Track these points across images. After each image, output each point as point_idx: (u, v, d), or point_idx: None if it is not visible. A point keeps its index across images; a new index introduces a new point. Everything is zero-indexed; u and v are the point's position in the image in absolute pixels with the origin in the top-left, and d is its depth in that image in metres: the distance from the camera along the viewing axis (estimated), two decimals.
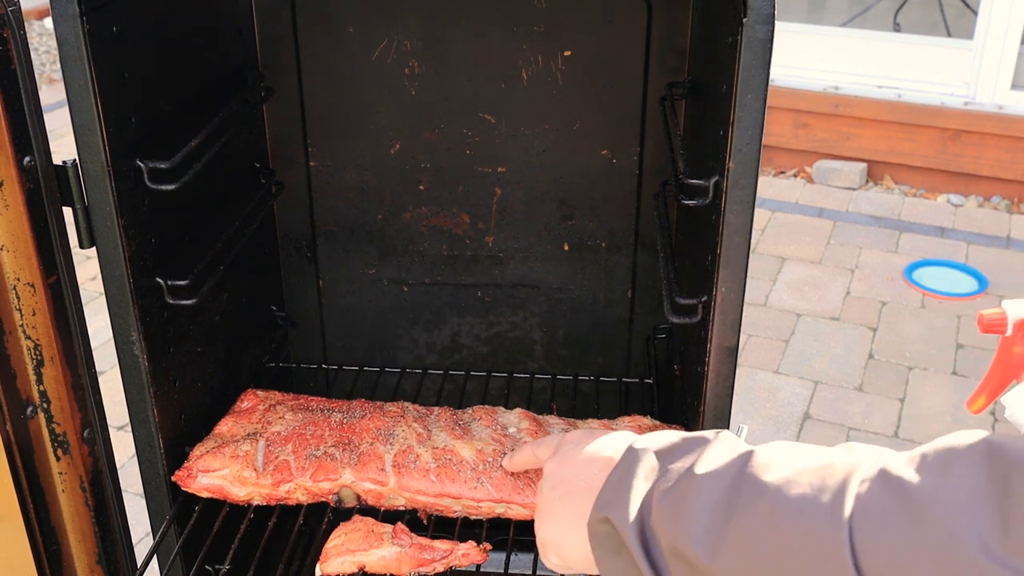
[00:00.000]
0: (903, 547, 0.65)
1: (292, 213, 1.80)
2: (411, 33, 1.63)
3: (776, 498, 0.74)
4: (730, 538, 0.75)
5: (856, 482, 0.71)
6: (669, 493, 0.82)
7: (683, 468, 0.83)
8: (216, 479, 1.38)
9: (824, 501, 0.71)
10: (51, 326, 1.27)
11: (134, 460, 1.40)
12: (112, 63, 1.19)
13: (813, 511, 0.71)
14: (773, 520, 0.73)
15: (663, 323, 1.79)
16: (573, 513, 0.97)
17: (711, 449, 0.83)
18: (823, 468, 0.74)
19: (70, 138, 1.18)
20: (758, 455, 0.79)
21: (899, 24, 5.31)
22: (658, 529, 0.82)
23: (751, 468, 0.78)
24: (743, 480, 0.77)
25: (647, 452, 0.88)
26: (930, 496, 0.66)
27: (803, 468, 0.75)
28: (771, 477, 0.76)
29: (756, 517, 0.74)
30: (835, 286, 4.08)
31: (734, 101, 1.09)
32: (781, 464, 0.77)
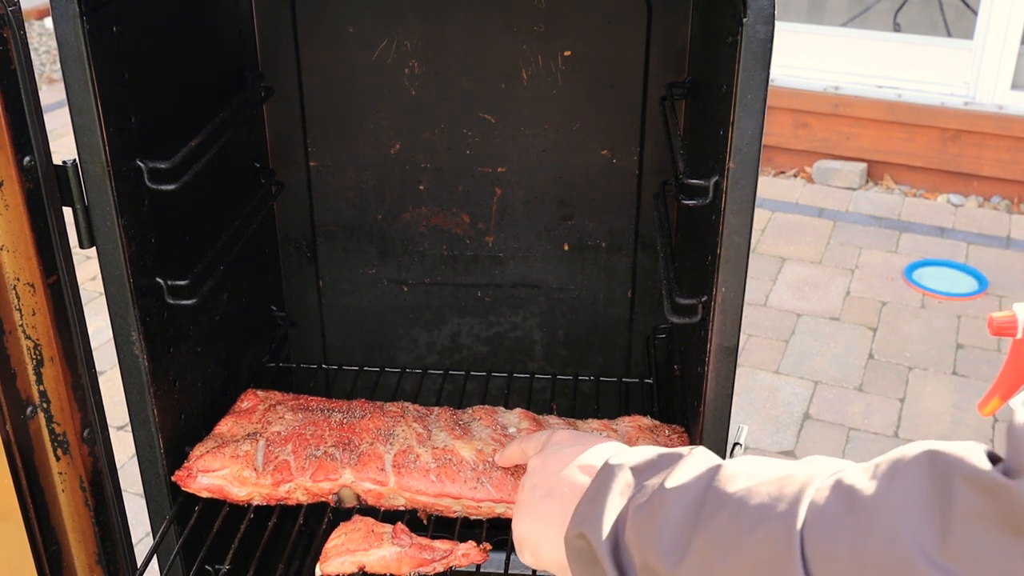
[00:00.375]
0: (848, 553, 0.67)
1: (292, 213, 1.80)
2: (411, 33, 1.63)
3: (736, 510, 0.75)
4: (693, 551, 0.77)
5: (811, 492, 0.72)
6: (642, 509, 0.83)
7: (656, 484, 0.84)
8: (216, 479, 1.38)
9: (779, 511, 0.72)
10: (51, 326, 1.27)
11: (134, 460, 1.40)
12: (112, 63, 1.19)
13: (769, 521, 0.72)
14: (732, 531, 0.74)
15: (663, 323, 1.79)
16: (552, 517, 0.98)
17: (682, 464, 0.85)
18: (782, 479, 0.75)
19: (70, 138, 1.18)
20: (724, 469, 0.81)
21: (899, 24, 5.31)
22: (631, 545, 0.83)
23: (716, 482, 0.79)
24: (708, 494, 0.79)
25: (623, 468, 0.89)
26: (875, 503, 0.67)
27: (763, 480, 0.76)
28: (733, 489, 0.77)
29: (717, 529, 0.76)
30: (835, 286, 4.08)
31: (734, 101, 1.09)
32: (744, 476, 0.78)
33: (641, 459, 0.90)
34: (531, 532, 1.01)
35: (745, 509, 0.75)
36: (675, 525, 0.79)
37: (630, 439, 1.45)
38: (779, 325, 3.81)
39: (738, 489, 0.77)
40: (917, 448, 0.68)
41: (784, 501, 0.73)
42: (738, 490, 0.77)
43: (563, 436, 1.09)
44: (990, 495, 0.61)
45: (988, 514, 0.61)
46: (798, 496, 0.72)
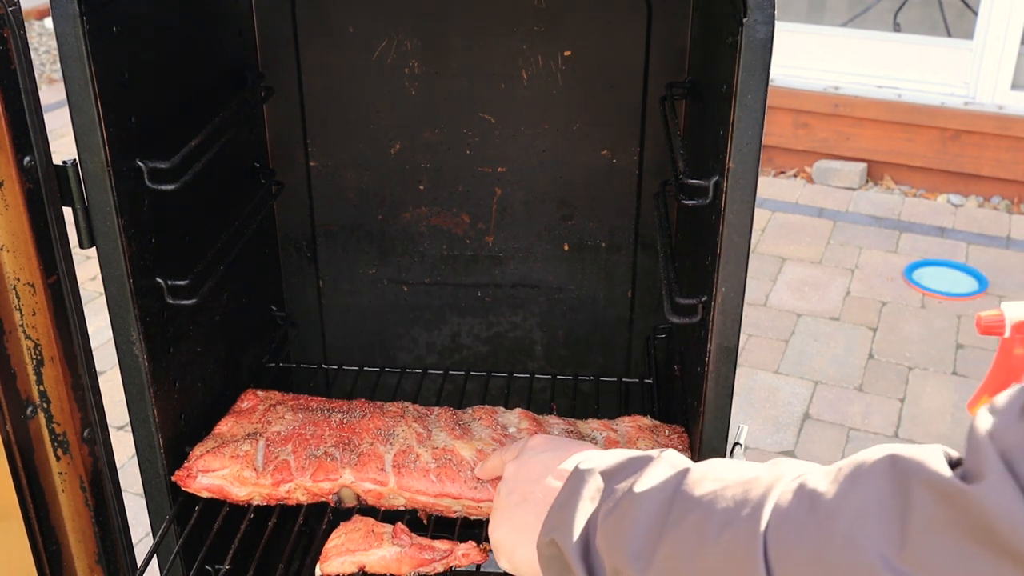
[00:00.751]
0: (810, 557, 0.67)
1: (292, 213, 1.80)
2: (411, 33, 1.63)
3: (702, 514, 0.76)
4: (660, 555, 0.77)
5: (775, 495, 0.73)
6: (611, 513, 0.84)
7: (625, 488, 0.85)
8: (216, 479, 1.38)
9: (744, 514, 0.73)
10: (51, 326, 1.27)
11: (134, 460, 1.40)
12: (112, 63, 1.19)
13: (733, 525, 0.73)
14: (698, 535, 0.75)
15: (663, 323, 1.79)
16: (526, 523, 0.99)
17: (651, 468, 0.85)
18: (747, 483, 0.76)
19: (70, 138, 1.18)
20: (691, 473, 0.81)
21: (899, 24, 5.31)
22: (602, 549, 0.84)
23: (684, 486, 0.80)
24: (676, 498, 0.80)
25: (593, 473, 0.90)
26: (836, 508, 0.67)
27: (729, 483, 0.77)
28: (700, 493, 0.78)
29: (683, 533, 0.77)
30: (835, 286, 4.08)
31: (734, 101, 1.09)
32: (711, 480, 0.79)
33: (611, 463, 0.90)
34: (506, 538, 1.02)
35: (711, 513, 0.76)
36: (643, 530, 0.80)
37: (630, 439, 1.45)
38: (779, 325, 3.81)
39: (704, 493, 0.78)
40: (878, 453, 0.69)
41: (748, 505, 0.73)
42: (704, 494, 0.78)
43: (538, 442, 1.09)
44: (948, 501, 0.61)
45: (947, 520, 0.61)
46: (762, 499, 0.73)
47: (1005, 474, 0.58)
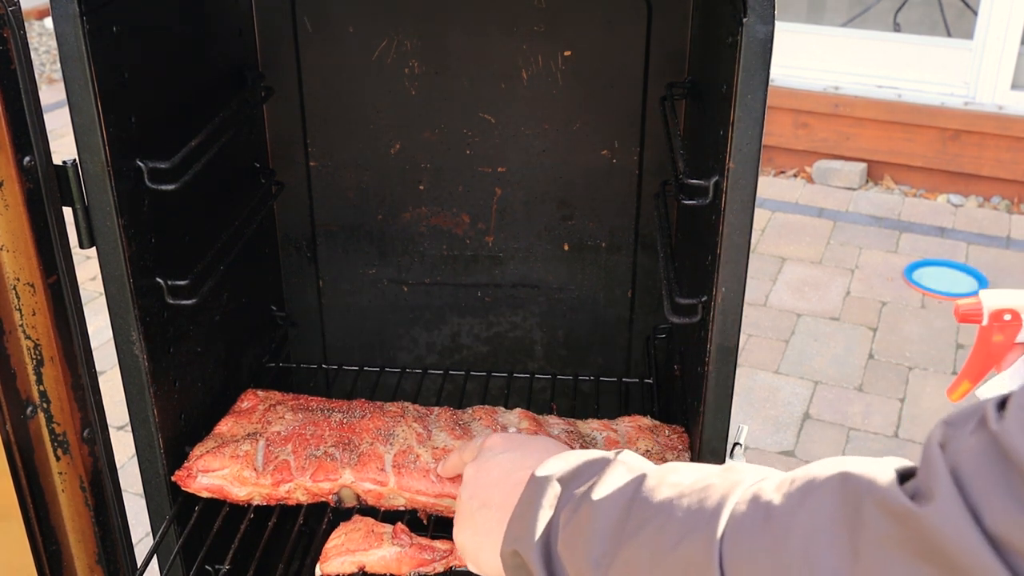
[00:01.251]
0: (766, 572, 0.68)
1: (292, 213, 1.80)
2: (411, 33, 1.63)
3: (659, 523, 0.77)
4: (619, 563, 0.78)
5: (730, 505, 0.73)
6: (571, 522, 0.84)
7: (583, 494, 0.85)
8: (216, 479, 1.38)
9: (700, 524, 0.73)
10: (51, 326, 1.27)
11: (134, 460, 1.40)
12: (112, 63, 1.19)
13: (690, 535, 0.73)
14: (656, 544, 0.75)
15: (663, 323, 1.79)
16: (488, 528, 0.99)
17: (608, 474, 0.85)
18: (704, 490, 0.76)
19: (70, 138, 1.18)
20: (648, 479, 0.82)
21: (899, 24, 5.31)
22: (564, 557, 0.84)
23: (641, 493, 0.80)
24: (633, 505, 0.80)
25: (550, 480, 0.90)
26: (790, 523, 0.68)
27: (685, 491, 0.78)
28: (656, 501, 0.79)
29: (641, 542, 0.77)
30: (835, 286, 4.08)
31: (734, 101, 1.09)
32: (667, 486, 0.80)
33: (568, 468, 0.90)
34: (471, 543, 1.03)
35: (668, 523, 0.76)
36: (602, 538, 0.80)
37: (630, 439, 1.45)
38: (779, 325, 3.81)
39: (661, 501, 0.78)
40: (830, 469, 0.69)
41: (704, 514, 0.74)
42: (661, 502, 0.78)
43: (495, 442, 1.09)
44: (898, 520, 0.61)
45: (896, 538, 0.61)
46: (718, 510, 0.73)
47: (954, 493, 0.58)
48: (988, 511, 0.57)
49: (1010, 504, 0.56)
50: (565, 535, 0.84)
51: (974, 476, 0.58)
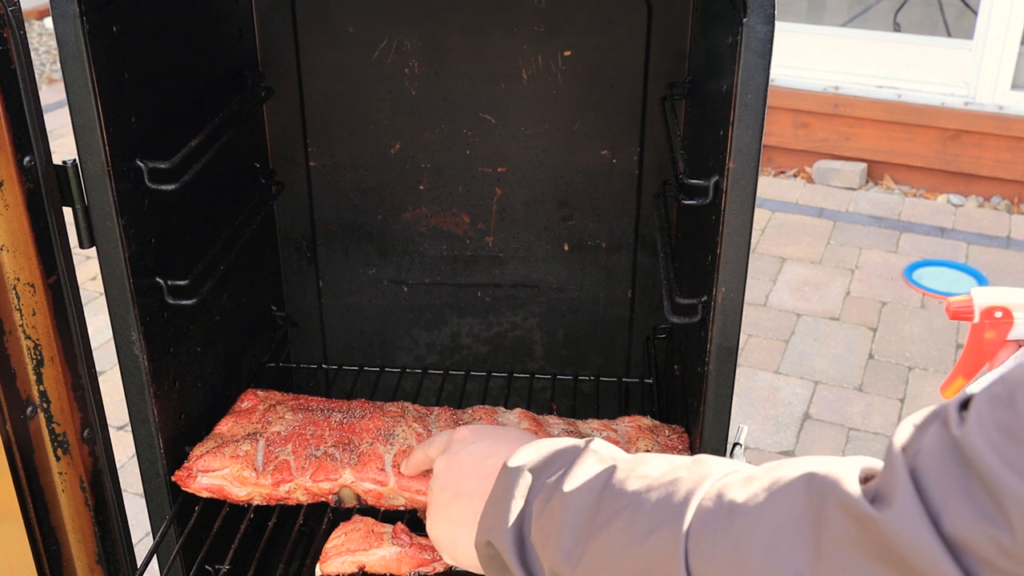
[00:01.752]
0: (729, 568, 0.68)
1: (292, 213, 1.80)
2: (411, 33, 1.63)
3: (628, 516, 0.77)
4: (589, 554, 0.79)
5: (697, 499, 0.74)
6: (543, 513, 0.85)
7: (555, 484, 0.86)
8: (216, 479, 1.38)
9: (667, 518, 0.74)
10: (51, 326, 1.27)
11: (134, 460, 1.40)
12: (112, 63, 1.19)
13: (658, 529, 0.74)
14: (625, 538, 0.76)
15: (663, 323, 1.79)
16: (463, 518, 0.99)
17: (580, 464, 0.86)
18: (672, 483, 0.77)
19: (70, 138, 1.18)
20: (618, 471, 0.82)
21: (899, 24, 5.31)
22: (537, 547, 0.85)
23: (611, 485, 0.81)
24: (603, 497, 0.81)
25: (521, 471, 0.90)
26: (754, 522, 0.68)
27: (654, 484, 0.78)
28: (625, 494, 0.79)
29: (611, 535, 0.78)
30: (835, 286, 4.08)
31: (734, 101, 1.09)
32: (636, 477, 0.80)
33: (539, 457, 0.91)
34: (446, 535, 1.03)
35: (637, 515, 0.77)
36: (573, 530, 0.81)
37: (630, 439, 1.45)
38: (779, 325, 3.81)
39: (630, 493, 0.79)
40: (797, 469, 0.69)
41: (671, 508, 0.75)
42: (630, 494, 0.79)
43: (464, 434, 1.09)
44: (859, 523, 0.61)
45: (857, 541, 0.61)
46: (685, 503, 0.74)
47: (913, 497, 0.58)
48: (947, 516, 0.57)
49: (968, 509, 0.55)
50: (538, 526, 0.85)
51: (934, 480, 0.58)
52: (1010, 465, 0.54)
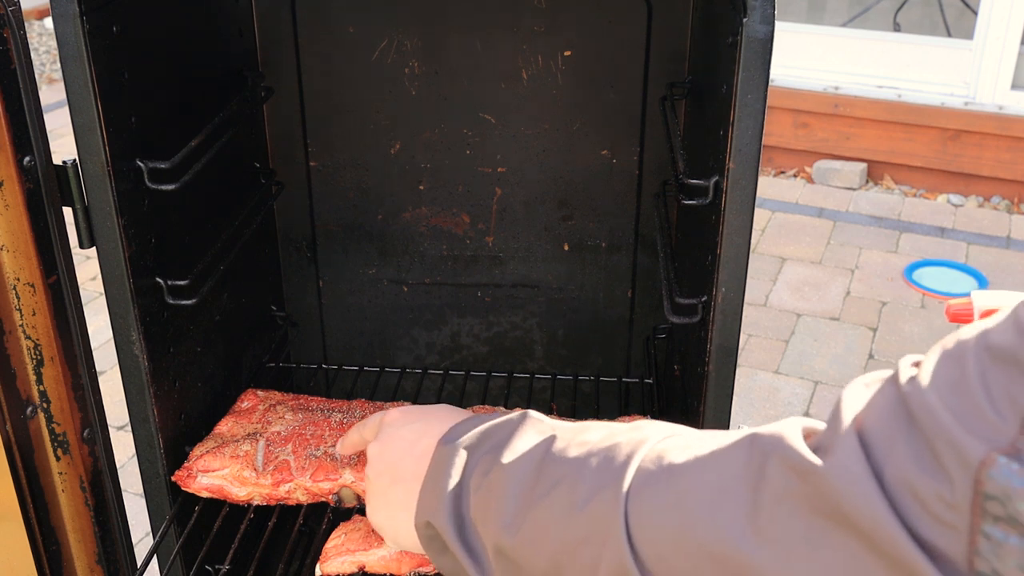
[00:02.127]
0: (669, 530, 0.68)
1: (292, 213, 1.80)
2: (411, 33, 1.63)
3: (569, 484, 0.77)
4: (528, 525, 0.79)
5: (636, 461, 0.74)
6: (481, 487, 0.84)
7: (493, 459, 0.85)
8: (216, 479, 1.38)
9: (606, 481, 0.74)
10: (51, 326, 1.27)
11: (134, 460, 1.40)
12: (112, 63, 1.19)
13: (598, 495, 0.74)
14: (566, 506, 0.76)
15: (663, 323, 1.79)
16: (401, 501, 0.98)
17: (518, 436, 0.86)
18: (611, 448, 0.77)
19: (70, 138, 1.18)
20: (557, 440, 0.82)
21: (899, 24, 5.31)
22: (477, 523, 0.84)
23: (550, 454, 0.81)
24: (542, 467, 0.81)
25: (456, 448, 0.90)
26: (695, 480, 0.68)
27: (593, 450, 0.78)
28: (566, 462, 0.79)
29: (552, 503, 0.78)
30: (835, 286, 4.08)
31: (734, 101, 1.09)
32: (576, 445, 0.80)
33: (475, 433, 0.90)
34: (387, 521, 1.03)
35: (577, 481, 0.76)
36: (513, 501, 0.80)
37: None
38: (779, 325, 3.81)
39: (570, 460, 0.79)
40: (739, 433, 0.70)
41: (611, 472, 0.75)
42: (570, 461, 0.79)
43: (394, 417, 1.07)
44: (799, 476, 0.61)
45: (796, 494, 0.61)
46: (624, 466, 0.74)
47: (856, 449, 0.58)
48: (889, 468, 0.56)
49: (911, 462, 0.55)
50: (476, 500, 0.84)
51: (878, 434, 0.58)
52: (953, 417, 0.53)
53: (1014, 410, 0.51)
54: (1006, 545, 0.50)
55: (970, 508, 0.51)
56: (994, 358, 0.53)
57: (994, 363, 0.53)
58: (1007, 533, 0.50)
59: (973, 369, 0.54)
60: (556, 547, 0.76)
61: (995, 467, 0.50)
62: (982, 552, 0.51)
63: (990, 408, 0.52)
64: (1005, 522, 0.50)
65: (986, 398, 0.52)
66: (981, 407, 0.52)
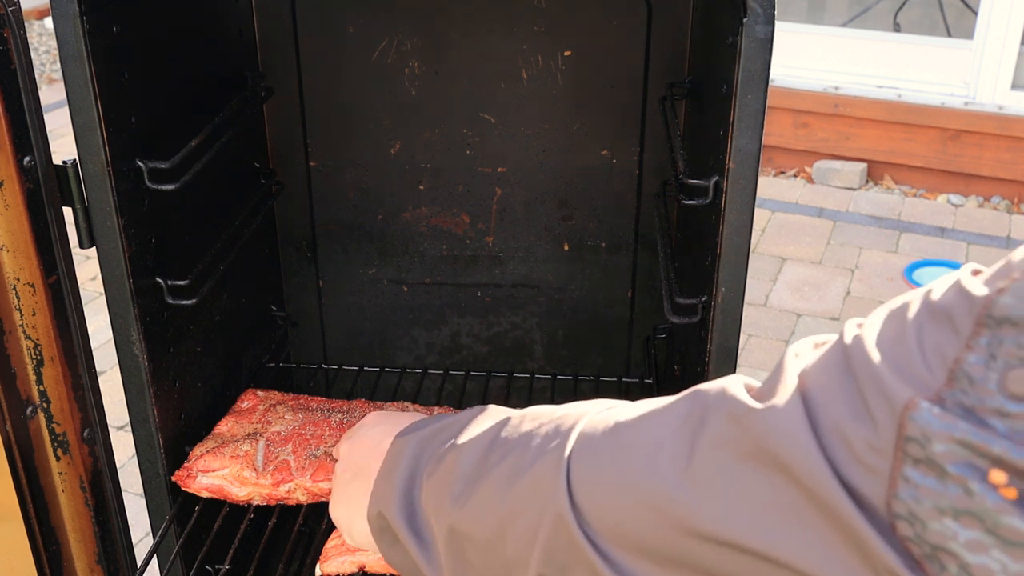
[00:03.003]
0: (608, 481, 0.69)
1: (292, 213, 1.80)
2: (411, 33, 1.63)
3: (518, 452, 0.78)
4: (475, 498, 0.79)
5: (580, 426, 0.75)
6: (434, 473, 0.85)
7: (448, 447, 0.86)
8: (216, 479, 1.38)
9: (552, 445, 0.75)
10: (51, 326, 1.27)
11: (134, 460, 1.40)
12: (112, 63, 1.19)
13: (543, 456, 0.75)
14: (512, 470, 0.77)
15: (663, 323, 1.79)
16: (358, 497, 0.99)
17: (474, 423, 0.86)
18: (561, 417, 0.78)
19: (70, 138, 1.18)
20: (513, 418, 0.83)
21: (899, 24, 5.31)
22: (428, 510, 0.85)
23: (504, 431, 0.82)
24: (495, 443, 0.81)
25: (411, 441, 0.90)
26: (636, 435, 0.69)
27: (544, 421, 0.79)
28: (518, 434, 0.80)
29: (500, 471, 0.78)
30: (835, 286, 4.08)
31: (734, 101, 1.09)
32: (530, 419, 0.81)
33: (430, 429, 0.91)
34: (344, 515, 1.03)
35: (526, 450, 0.77)
36: (463, 478, 0.81)
37: None
38: (779, 325, 3.81)
39: (522, 434, 0.80)
40: (685, 391, 0.71)
41: (558, 436, 0.75)
42: (522, 434, 0.79)
43: (370, 419, 1.09)
44: (735, 421, 0.62)
45: (730, 440, 0.62)
46: (570, 429, 0.75)
47: (795, 397, 0.59)
48: (823, 416, 0.57)
49: (844, 408, 0.56)
50: (428, 487, 0.84)
51: (818, 384, 0.59)
52: (886, 366, 0.55)
53: (943, 363, 0.52)
54: (923, 487, 0.52)
55: (893, 451, 0.53)
56: (932, 314, 0.55)
57: (931, 319, 0.54)
58: (924, 474, 0.51)
59: (912, 324, 0.55)
60: (500, 514, 0.77)
61: (917, 410, 0.52)
62: (900, 495, 0.53)
63: (921, 360, 0.53)
64: (924, 464, 0.51)
65: (919, 350, 0.54)
66: (912, 357, 0.54)
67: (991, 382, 0.50)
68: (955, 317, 0.53)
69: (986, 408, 0.50)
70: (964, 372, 0.51)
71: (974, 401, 0.50)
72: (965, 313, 0.52)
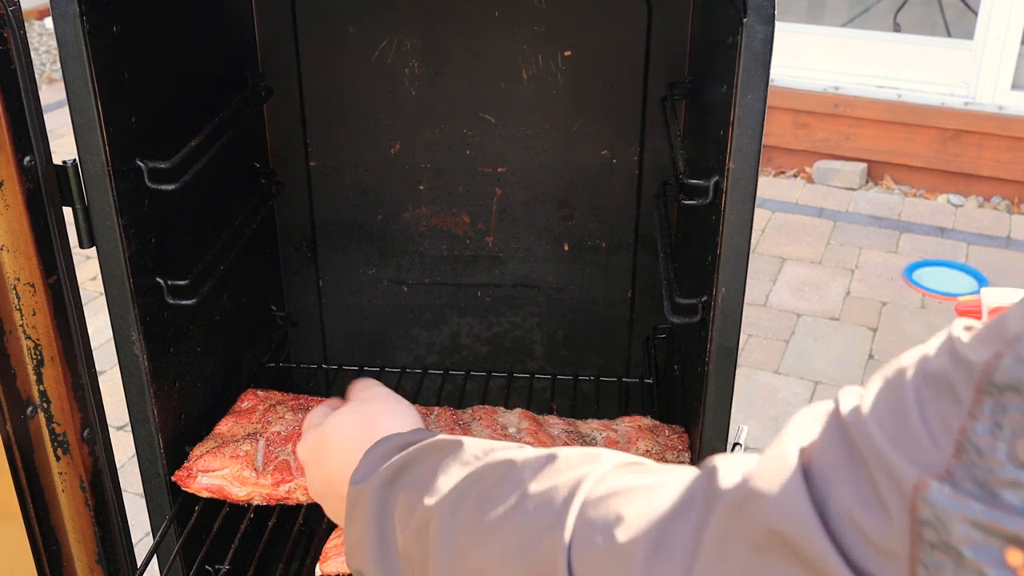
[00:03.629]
0: None
1: (292, 213, 1.80)
2: (411, 33, 1.63)
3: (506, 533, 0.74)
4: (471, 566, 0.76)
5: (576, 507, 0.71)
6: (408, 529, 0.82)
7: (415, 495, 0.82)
8: (216, 479, 1.38)
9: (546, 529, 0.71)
10: (51, 326, 1.27)
11: (134, 460, 1.40)
12: (112, 63, 1.19)
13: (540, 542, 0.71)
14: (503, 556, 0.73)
15: (663, 323, 1.79)
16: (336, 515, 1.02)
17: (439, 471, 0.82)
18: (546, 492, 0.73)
19: (70, 138, 1.18)
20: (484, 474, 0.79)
21: (899, 24, 5.31)
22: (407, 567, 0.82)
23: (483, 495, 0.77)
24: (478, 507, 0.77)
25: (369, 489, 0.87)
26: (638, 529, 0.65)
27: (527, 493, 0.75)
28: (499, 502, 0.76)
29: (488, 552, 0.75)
30: (835, 286, 4.08)
31: (734, 101, 1.09)
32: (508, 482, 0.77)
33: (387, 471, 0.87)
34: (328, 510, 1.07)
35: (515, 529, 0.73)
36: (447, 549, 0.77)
37: (630, 439, 1.45)
38: (779, 325, 3.81)
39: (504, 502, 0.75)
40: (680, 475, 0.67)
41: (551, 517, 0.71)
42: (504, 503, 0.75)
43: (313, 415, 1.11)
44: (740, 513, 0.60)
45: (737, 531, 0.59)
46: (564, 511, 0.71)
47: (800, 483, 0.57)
48: (832, 501, 0.55)
49: (852, 495, 0.54)
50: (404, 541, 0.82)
51: (821, 464, 0.57)
52: (890, 444, 0.53)
53: (947, 435, 0.50)
54: (942, 573, 0.50)
55: (908, 537, 0.51)
56: (929, 384, 0.53)
57: (930, 388, 0.52)
58: (942, 560, 0.50)
59: (910, 395, 0.53)
60: None
61: (928, 492, 0.50)
62: None
63: (925, 434, 0.51)
64: (940, 549, 0.50)
65: (921, 424, 0.52)
66: (916, 433, 0.52)
67: (1000, 452, 0.48)
68: (955, 385, 0.51)
69: (998, 480, 0.48)
70: (971, 443, 0.49)
71: (985, 473, 0.49)
72: (965, 381, 0.50)
